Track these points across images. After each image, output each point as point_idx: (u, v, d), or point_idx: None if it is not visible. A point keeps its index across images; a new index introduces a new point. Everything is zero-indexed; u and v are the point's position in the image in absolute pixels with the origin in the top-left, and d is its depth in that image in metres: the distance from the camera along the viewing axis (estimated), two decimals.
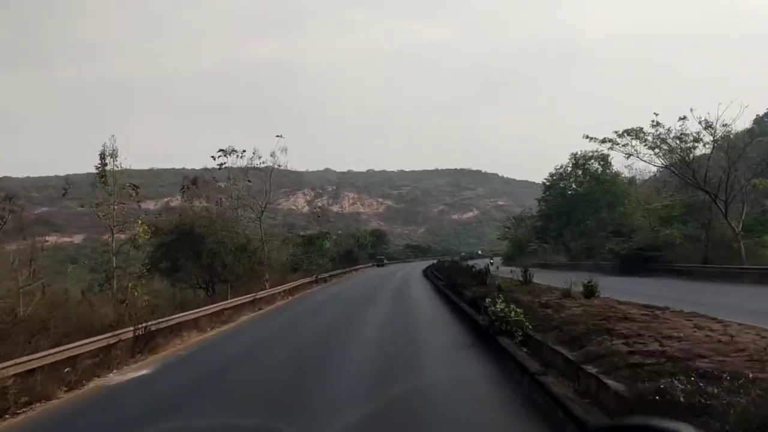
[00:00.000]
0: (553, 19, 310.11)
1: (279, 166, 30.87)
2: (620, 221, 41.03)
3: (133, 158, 29.78)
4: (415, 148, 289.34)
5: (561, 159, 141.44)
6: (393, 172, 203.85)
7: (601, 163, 49.29)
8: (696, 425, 3.17)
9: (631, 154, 29.75)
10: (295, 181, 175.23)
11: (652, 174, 42.67)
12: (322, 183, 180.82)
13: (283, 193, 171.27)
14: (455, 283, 20.89)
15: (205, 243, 20.61)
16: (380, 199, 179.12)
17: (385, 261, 78.38)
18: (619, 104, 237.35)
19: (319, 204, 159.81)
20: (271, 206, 34.70)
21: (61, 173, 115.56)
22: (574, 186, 52.90)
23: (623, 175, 46.94)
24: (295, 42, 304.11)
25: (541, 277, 19.24)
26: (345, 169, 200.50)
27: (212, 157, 28.25)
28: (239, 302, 19.97)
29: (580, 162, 51.66)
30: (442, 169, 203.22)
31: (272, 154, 30.76)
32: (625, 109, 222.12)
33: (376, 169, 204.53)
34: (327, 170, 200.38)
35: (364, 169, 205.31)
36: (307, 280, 34.02)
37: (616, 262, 30.41)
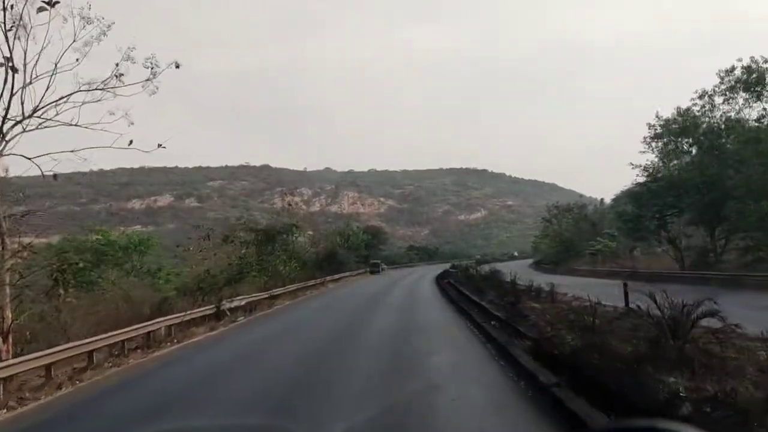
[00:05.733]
0: (560, 20, 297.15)
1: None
2: None
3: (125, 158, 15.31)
4: (419, 147, 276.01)
5: (569, 158, 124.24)
6: (395, 171, 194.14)
7: None
8: None
9: None
10: (293, 180, 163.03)
11: None
12: (321, 183, 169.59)
13: (279, 192, 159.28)
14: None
15: None
16: (382, 199, 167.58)
17: (383, 266, 62.01)
18: (626, 107, 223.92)
19: (318, 203, 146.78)
20: (266, 206, 18.97)
21: None
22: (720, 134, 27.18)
23: None
24: (296, 43, 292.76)
25: None
26: (346, 169, 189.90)
27: None
28: None
29: (751, 78, 25.46)
30: (446, 169, 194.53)
31: None
32: (632, 111, 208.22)
33: (378, 169, 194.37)
34: (327, 169, 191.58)
35: (365, 168, 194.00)
36: (195, 313, 16.88)
37: None
